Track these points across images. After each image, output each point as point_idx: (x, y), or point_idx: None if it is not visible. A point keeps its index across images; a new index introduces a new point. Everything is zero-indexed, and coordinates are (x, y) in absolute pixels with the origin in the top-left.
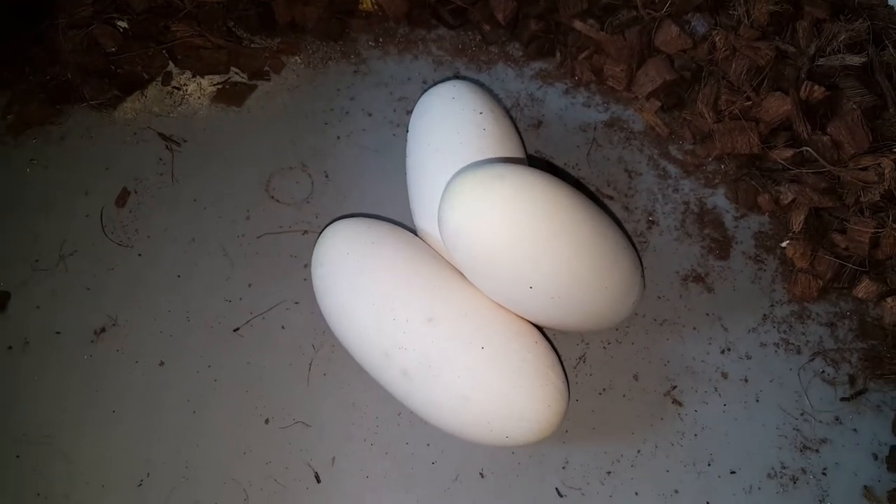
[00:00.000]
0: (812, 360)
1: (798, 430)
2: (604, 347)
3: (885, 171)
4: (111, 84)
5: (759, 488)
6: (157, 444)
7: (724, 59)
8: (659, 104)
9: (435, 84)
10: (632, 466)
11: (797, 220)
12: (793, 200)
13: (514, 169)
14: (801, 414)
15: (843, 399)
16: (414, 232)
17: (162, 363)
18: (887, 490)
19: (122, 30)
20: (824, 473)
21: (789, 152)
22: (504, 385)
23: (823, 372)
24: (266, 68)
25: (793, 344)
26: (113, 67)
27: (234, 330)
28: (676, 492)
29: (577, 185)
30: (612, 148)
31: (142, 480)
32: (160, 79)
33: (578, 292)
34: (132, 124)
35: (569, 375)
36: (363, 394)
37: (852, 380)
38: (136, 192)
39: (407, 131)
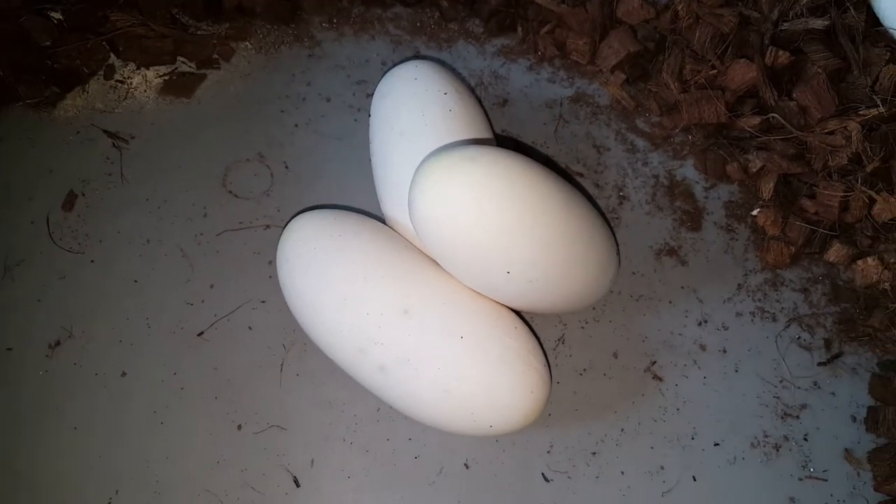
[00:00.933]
0: (788, 326)
1: (778, 397)
2: (582, 327)
3: (852, 134)
4: (48, 80)
5: (744, 458)
6: (125, 460)
7: (688, 28)
8: (624, 77)
9: (395, 65)
10: (616, 445)
11: (766, 188)
12: (761, 168)
13: (486, 150)
14: (780, 381)
15: (819, 364)
16: (382, 221)
17: (124, 374)
18: (867, 451)
19: (56, 21)
20: (806, 439)
21: (756, 120)
22: (486, 374)
23: (799, 338)
24: (215, 56)
25: (768, 312)
26: (49, 62)
27: (199, 334)
28: (662, 468)
29: (546, 163)
30: (580, 124)
31: (110, 499)
32: (102, 72)
33: (557, 274)
34: (74, 122)
35: (548, 357)
36: (339, 392)
37: (828, 344)
38: (83, 195)
39: (369, 116)
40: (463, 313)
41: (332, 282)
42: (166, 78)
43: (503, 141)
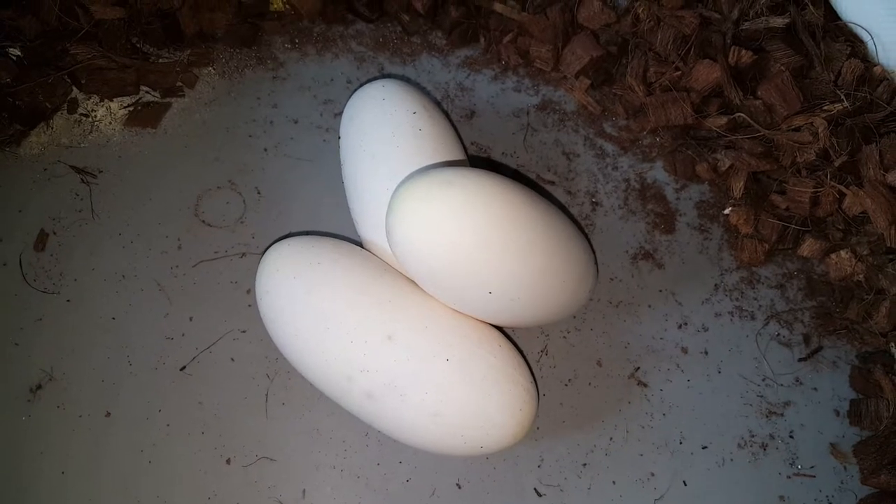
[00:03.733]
0: (766, 324)
1: (762, 396)
2: (564, 337)
3: (819, 130)
4: (11, 119)
5: (732, 460)
6: (115, 502)
7: (650, 31)
8: (588, 82)
9: (361, 84)
10: (606, 455)
11: (737, 186)
12: (731, 167)
13: (460, 172)
14: (763, 379)
15: (800, 359)
16: (359, 243)
17: (108, 414)
18: (852, 445)
19: (15, 58)
20: (791, 436)
21: (723, 119)
22: (473, 395)
23: (779, 335)
24: (178, 84)
25: (746, 310)
26: (11, 100)
27: (181, 369)
28: (653, 475)
29: (516, 174)
30: (548, 131)
31: None
32: (65, 107)
33: (537, 290)
34: (41, 160)
35: (533, 370)
36: (326, 419)
37: (807, 339)
38: (55, 233)
39: (338, 136)
40: (447, 335)
41: (314, 312)
42: (131, 109)
43: (474, 158)
